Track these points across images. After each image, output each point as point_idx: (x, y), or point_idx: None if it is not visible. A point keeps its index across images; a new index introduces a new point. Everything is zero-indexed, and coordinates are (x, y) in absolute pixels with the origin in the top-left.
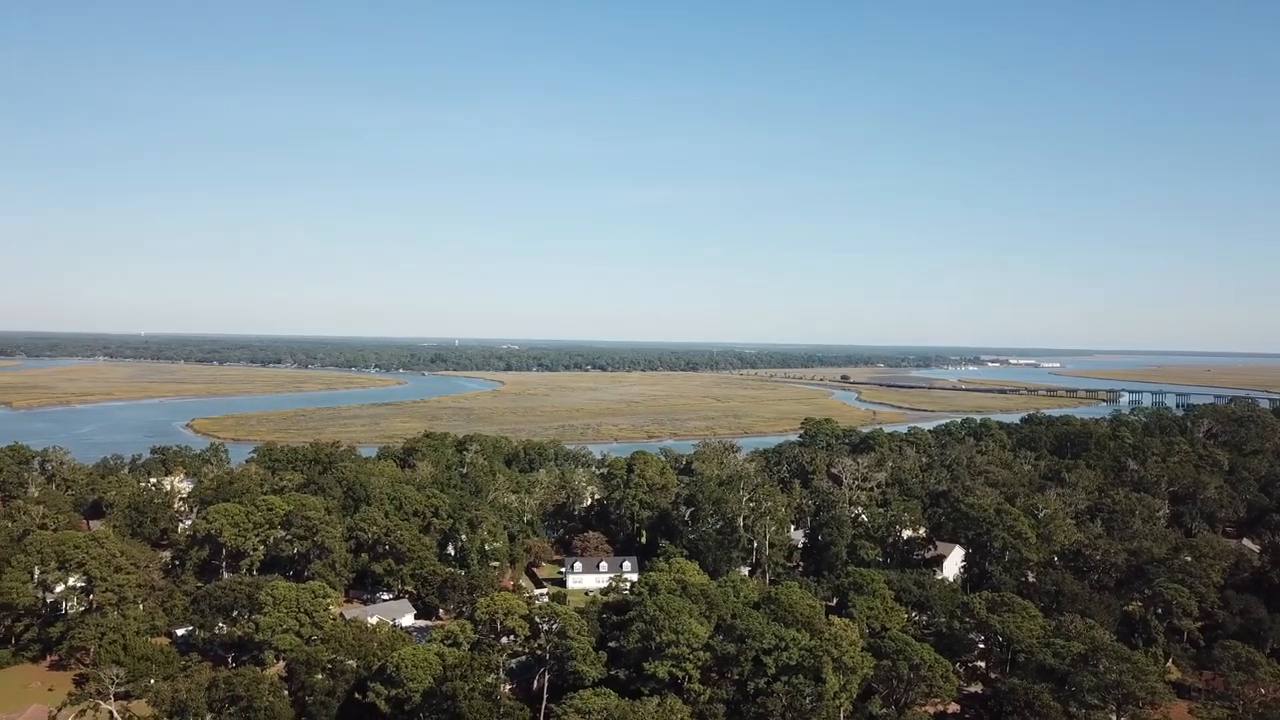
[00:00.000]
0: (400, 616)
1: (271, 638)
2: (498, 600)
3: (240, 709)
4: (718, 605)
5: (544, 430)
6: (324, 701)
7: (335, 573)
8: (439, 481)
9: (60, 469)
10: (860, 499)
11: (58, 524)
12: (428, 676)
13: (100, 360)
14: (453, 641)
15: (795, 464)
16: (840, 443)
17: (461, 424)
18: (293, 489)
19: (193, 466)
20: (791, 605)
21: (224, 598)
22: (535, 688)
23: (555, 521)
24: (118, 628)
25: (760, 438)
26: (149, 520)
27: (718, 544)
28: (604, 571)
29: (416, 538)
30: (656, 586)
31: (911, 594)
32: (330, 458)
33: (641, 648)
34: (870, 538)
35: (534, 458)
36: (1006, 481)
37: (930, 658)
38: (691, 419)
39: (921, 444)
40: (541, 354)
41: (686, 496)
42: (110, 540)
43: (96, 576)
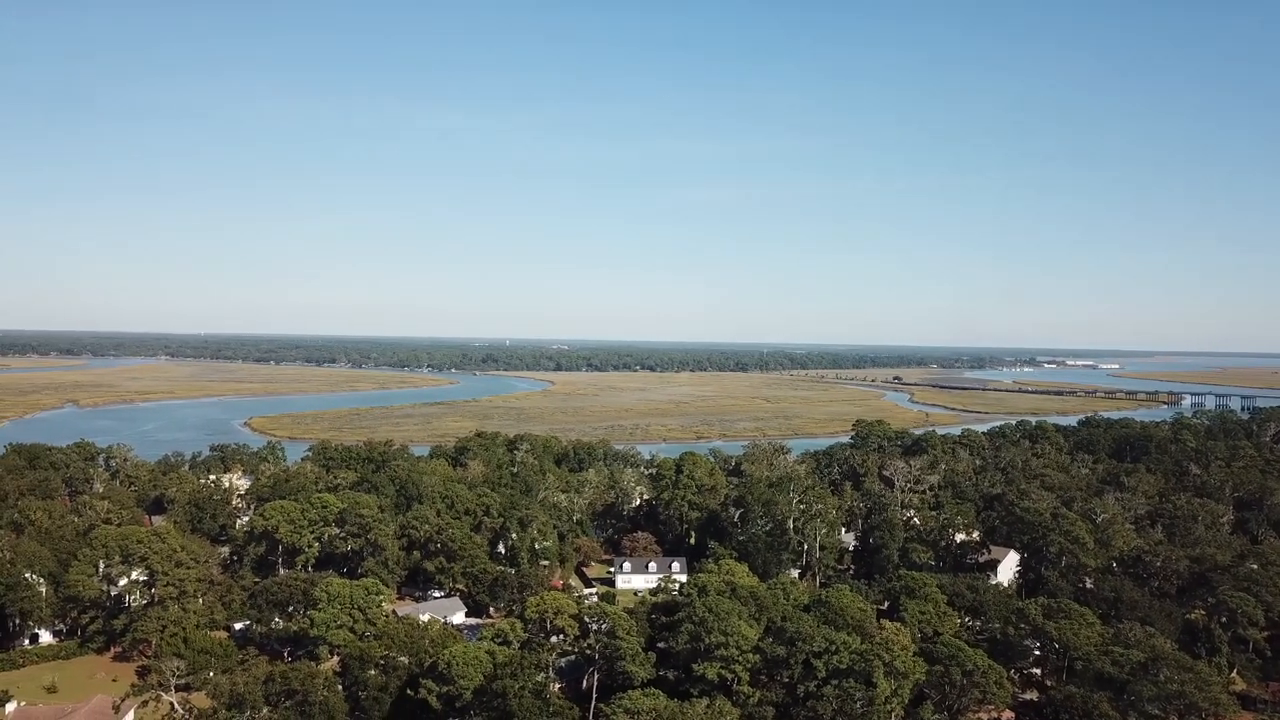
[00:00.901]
0: (451, 614)
1: (326, 633)
2: (547, 599)
3: (296, 703)
4: (767, 607)
5: (593, 430)
6: (377, 697)
7: (388, 570)
8: (490, 480)
9: (124, 465)
10: (912, 502)
11: (122, 519)
12: (478, 674)
13: (162, 359)
14: (503, 640)
15: (846, 466)
16: (892, 444)
17: (512, 423)
18: (347, 487)
19: (250, 464)
20: (842, 608)
21: (280, 593)
22: (584, 687)
23: (604, 521)
24: (178, 621)
25: (811, 439)
26: (208, 516)
27: (767, 546)
28: (653, 572)
29: (468, 536)
30: (706, 588)
31: (964, 599)
32: (383, 456)
33: (690, 649)
34: (922, 541)
35: (583, 457)
36: (1063, 485)
37: (984, 664)
38: (741, 420)
39: (975, 446)
40: (591, 354)
41: (736, 498)
42: (171, 535)
43: (158, 571)
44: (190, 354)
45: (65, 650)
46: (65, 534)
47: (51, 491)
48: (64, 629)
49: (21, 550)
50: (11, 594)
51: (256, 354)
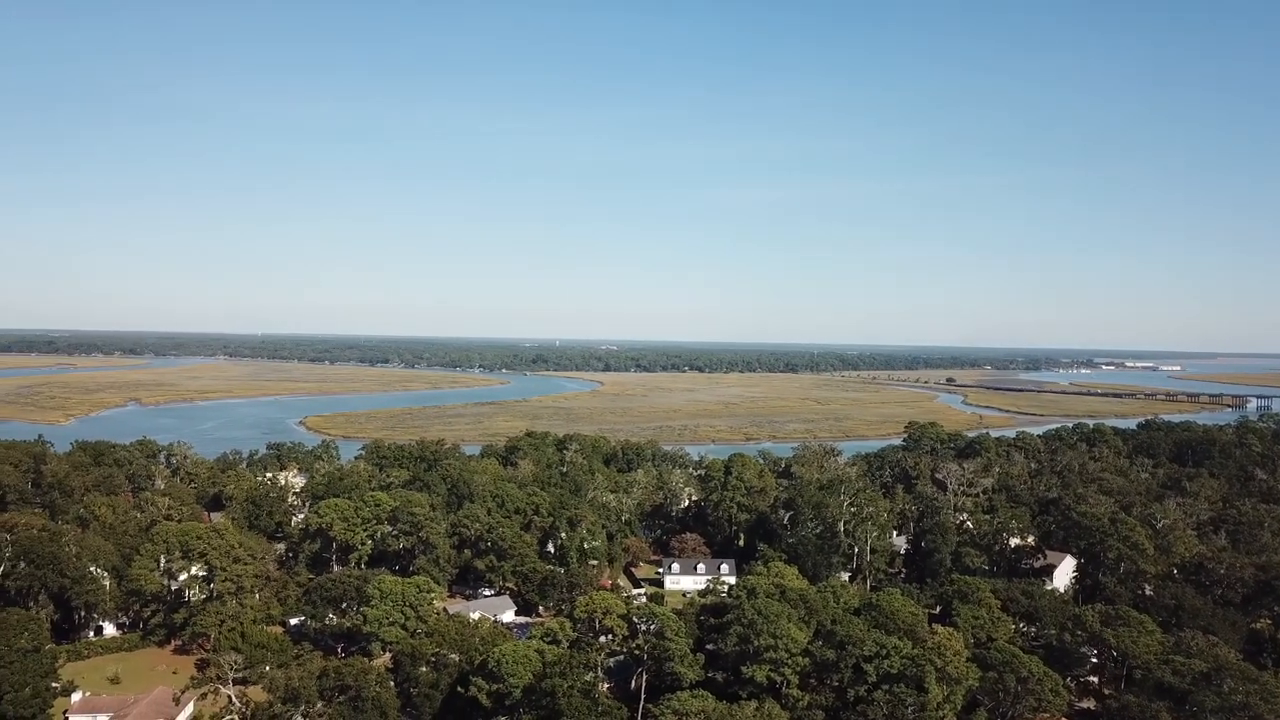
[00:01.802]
0: (501, 612)
1: (378, 630)
2: (596, 599)
3: (349, 698)
4: (817, 610)
5: (642, 431)
6: (428, 694)
7: (439, 568)
8: (539, 480)
9: (184, 463)
10: (965, 505)
11: (182, 515)
12: (528, 673)
13: (220, 359)
14: (552, 639)
15: (898, 468)
16: (945, 447)
17: (561, 423)
18: (399, 485)
19: (305, 462)
20: (893, 612)
21: (334, 590)
22: (633, 687)
23: (653, 522)
24: (236, 616)
25: (862, 441)
26: (265, 513)
27: (817, 548)
28: (701, 573)
29: (517, 535)
30: (755, 590)
31: (1019, 604)
32: (435, 455)
33: (739, 651)
34: (975, 545)
35: (632, 458)
36: (1122, 489)
37: (1039, 671)
38: (791, 421)
39: (1030, 449)
40: (639, 354)
41: (785, 500)
42: (229, 532)
43: (217, 566)
44: (248, 354)
45: (128, 643)
46: (128, 529)
47: (115, 488)
48: (127, 622)
49: (87, 545)
50: (77, 587)
51: (312, 354)
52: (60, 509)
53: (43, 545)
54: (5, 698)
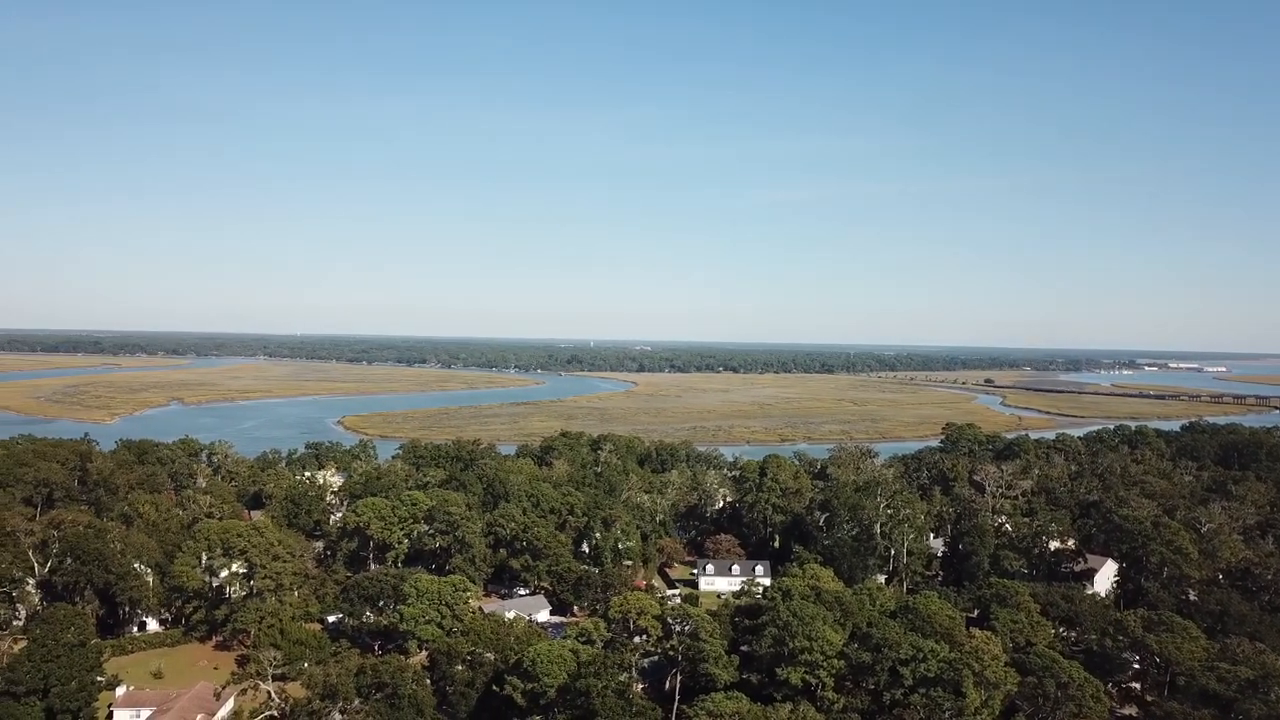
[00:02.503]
0: (536, 612)
1: (415, 628)
2: (631, 599)
3: (386, 695)
4: (853, 613)
5: (676, 431)
6: (463, 692)
7: (475, 567)
8: (574, 480)
9: (225, 462)
10: (1004, 508)
11: (223, 513)
12: (562, 672)
13: (260, 359)
14: (587, 639)
15: (935, 470)
16: (983, 449)
17: (596, 423)
18: (435, 485)
19: (343, 462)
20: (930, 615)
21: (371, 588)
22: (667, 688)
23: (687, 523)
24: (275, 613)
25: (899, 443)
26: (303, 512)
27: (853, 550)
28: (736, 574)
29: (552, 535)
30: (790, 591)
31: (1059, 608)
32: (471, 455)
33: (774, 653)
34: (1014, 548)
35: (666, 458)
36: (1165, 493)
37: (1079, 676)
38: (826, 422)
39: (1070, 451)
40: (673, 355)
41: (821, 501)
42: (269, 530)
43: (257, 564)
44: (287, 354)
45: (170, 638)
46: (171, 527)
47: (158, 486)
48: (169, 618)
49: (131, 542)
50: (122, 583)
51: (350, 354)
52: (105, 506)
53: (89, 542)
54: (53, 691)
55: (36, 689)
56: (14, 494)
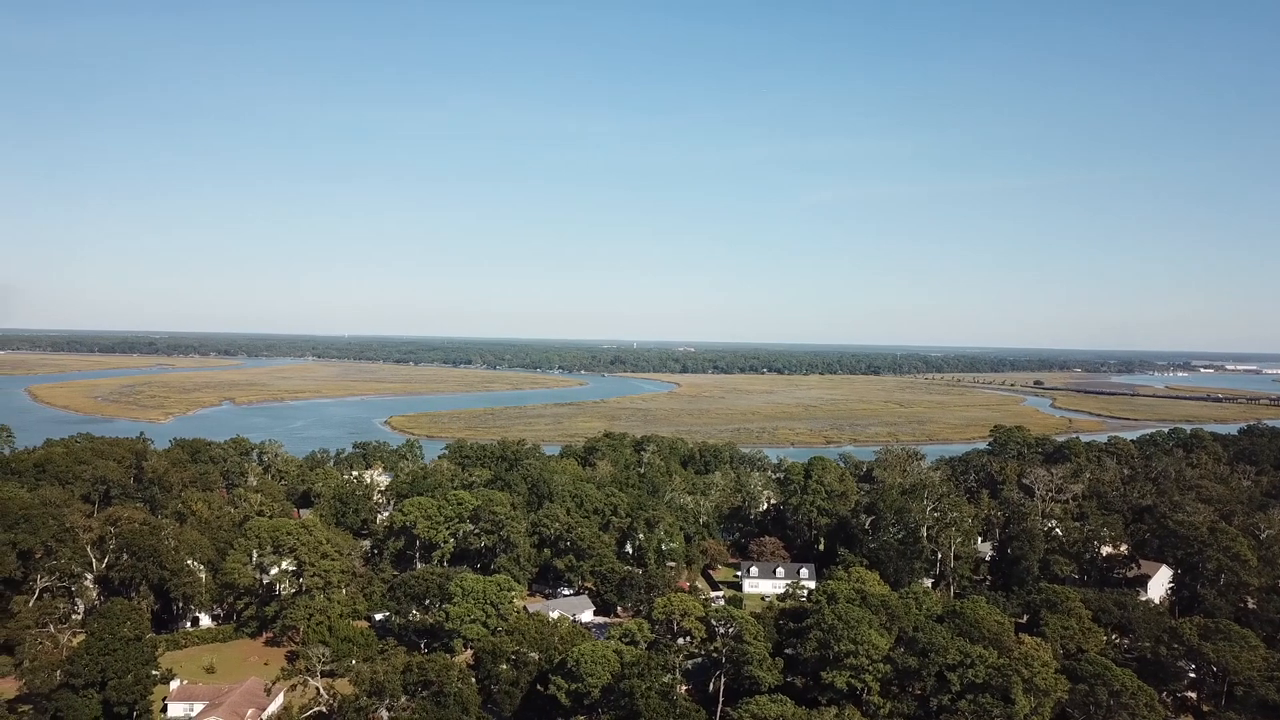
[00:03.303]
0: (580, 612)
1: (460, 627)
2: (674, 601)
3: (432, 693)
4: (899, 617)
5: (719, 432)
6: (508, 691)
7: (519, 567)
8: (618, 480)
9: (275, 461)
10: (1054, 512)
11: (273, 511)
12: (606, 673)
13: (309, 360)
14: (630, 639)
15: (983, 473)
16: (1032, 452)
17: (639, 424)
18: (481, 485)
19: (390, 461)
20: (978, 620)
21: (417, 587)
22: (711, 690)
23: (731, 524)
24: (324, 610)
25: (946, 445)
26: (351, 511)
27: (899, 554)
28: (780, 577)
29: (596, 535)
30: (835, 595)
31: (1111, 615)
32: (516, 455)
33: (819, 656)
34: (1065, 553)
35: (709, 460)
36: (1221, 498)
37: (1133, 684)
38: (872, 424)
39: (1123, 455)
40: (717, 356)
41: (867, 504)
42: (318, 528)
43: (306, 562)
44: (335, 355)
45: (222, 634)
46: (223, 524)
47: (211, 484)
48: (221, 614)
49: (185, 539)
50: (176, 579)
51: (397, 355)
52: (160, 504)
53: (144, 538)
54: (109, 684)
55: (94, 681)
56: (73, 491)
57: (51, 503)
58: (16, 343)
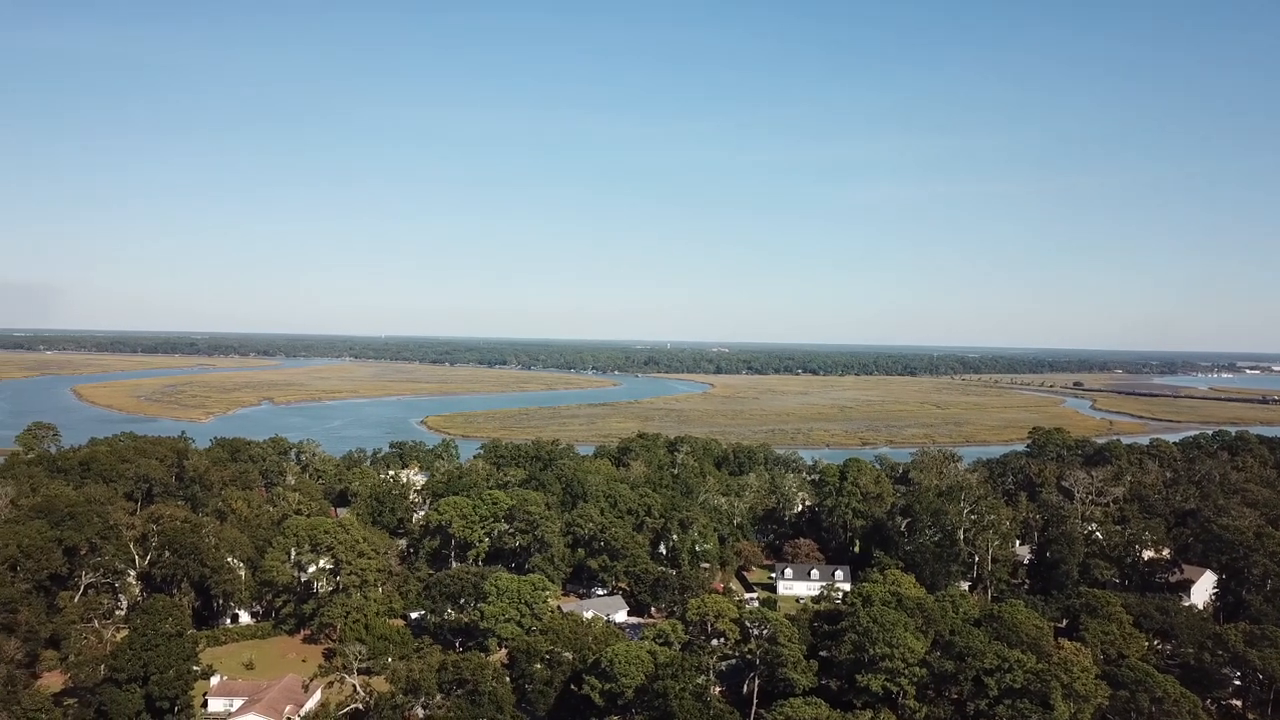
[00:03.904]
0: (614, 612)
1: (495, 626)
2: (708, 602)
3: (467, 692)
4: (935, 620)
5: (753, 433)
6: (542, 690)
7: (554, 566)
8: (651, 481)
9: (313, 460)
10: (1094, 515)
11: (311, 510)
12: (640, 673)
13: (347, 360)
14: (664, 640)
15: (1022, 475)
16: (1072, 454)
17: (673, 425)
18: (516, 484)
19: (426, 461)
20: (1016, 624)
21: (453, 586)
22: (745, 692)
23: (765, 526)
24: (360, 608)
25: (983, 447)
26: (387, 510)
27: (935, 557)
28: (815, 579)
29: (630, 535)
30: (870, 597)
31: (1153, 620)
32: (550, 455)
33: (854, 659)
34: (1105, 557)
35: (743, 461)
36: (1268, 502)
37: (1175, 691)
38: (909, 426)
39: (1165, 457)
40: (751, 356)
41: (903, 506)
42: (354, 527)
43: (343, 560)
44: (372, 355)
45: (261, 631)
46: (262, 522)
47: (250, 482)
48: (260, 611)
49: (225, 536)
50: (216, 576)
51: (433, 355)
52: (200, 502)
53: (185, 536)
54: (152, 678)
55: (137, 676)
56: (117, 489)
57: (96, 500)
58: (62, 343)
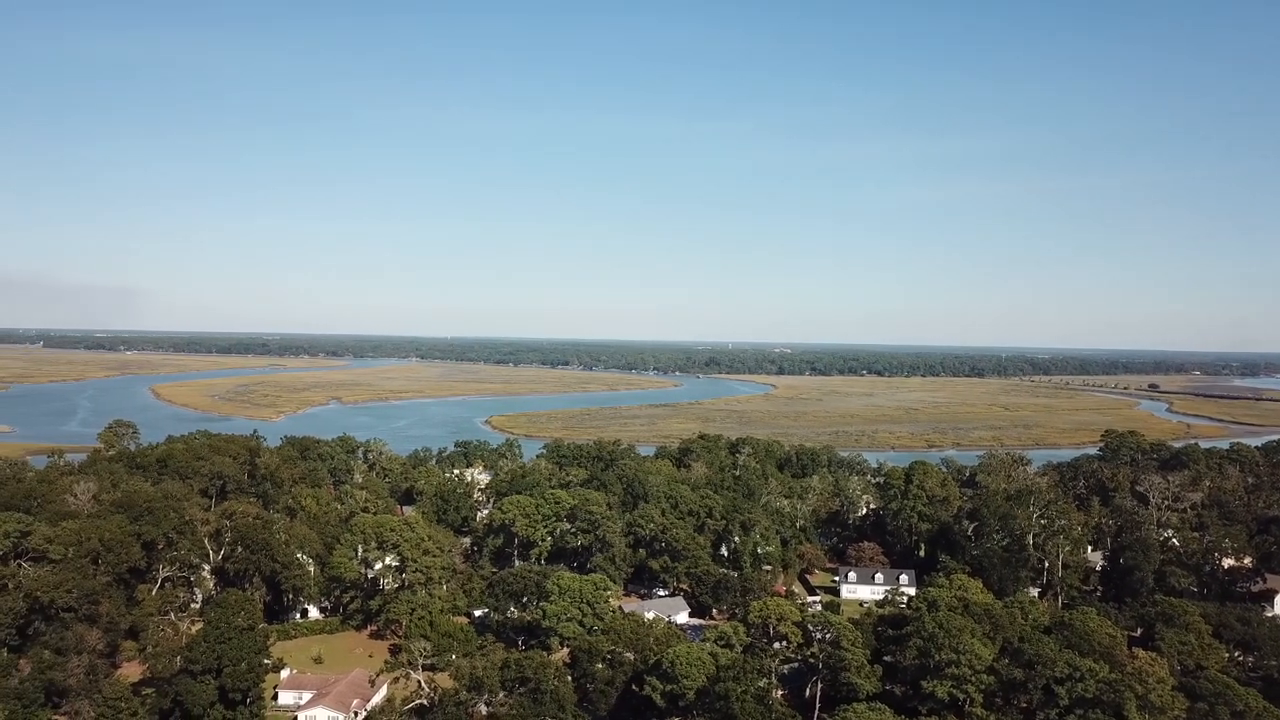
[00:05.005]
0: (675, 613)
1: (557, 625)
2: (770, 605)
3: (529, 690)
4: (1003, 627)
5: (817, 435)
6: (603, 690)
7: (615, 566)
8: (713, 482)
9: (379, 459)
10: (1170, 521)
11: (377, 508)
12: (701, 675)
13: (413, 361)
14: (725, 642)
15: (1094, 479)
16: (1147, 458)
17: (734, 426)
18: (577, 484)
19: (490, 460)
20: (1088, 633)
21: (516, 584)
22: (807, 696)
23: (828, 529)
24: (425, 605)
25: (1053, 450)
26: (452, 508)
27: (1003, 562)
28: (879, 583)
29: (691, 537)
30: (936, 602)
31: (1233, 631)
32: (612, 455)
33: (919, 665)
34: (1182, 565)
35: (806, 463)
36: None
37: (1258, 705)
38: (976, 428)
39: (1247, 462)
40: (814, 357)
41: (970, 510)
42: (420, 525)
43: (408, 557)
44: (438, 356)
45: (329, 626)
46: (330, 520)
47: (319, 480)
48: (328, 606)
49: (294, 533)
50: (286, 572)
51: (497, 356)
52: (271, 499)
53: (257, 532)
54: (225, 670)
55: (211, 668)
56: (192, 485)
57: (173, 496)
58: (142, 344)
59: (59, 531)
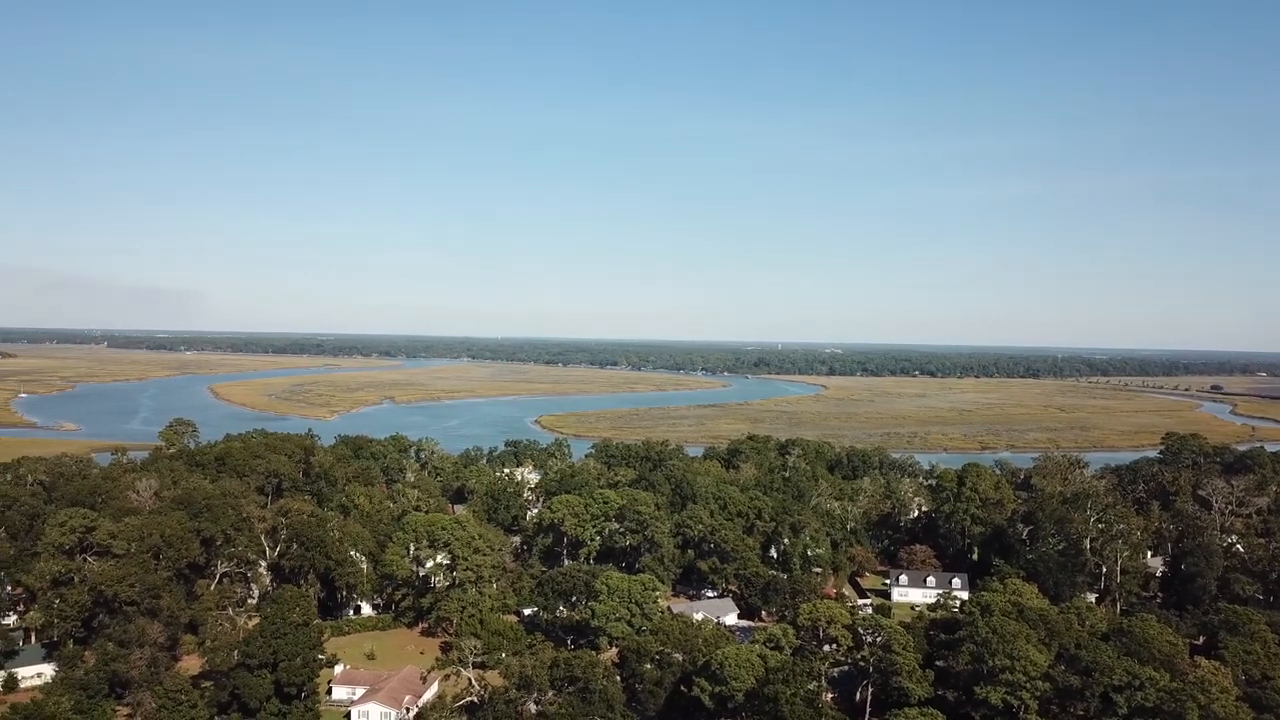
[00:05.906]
0: (723, 615)
1: (606, 625)
2: (820, 607)
3: (578, 689)
4: (1059, 632)
5: (867, 437)
6: (652, 690)
7: (664, 567)
8: (761, 484)
9: (431, 458)
10: (1235, 526)
11: (429, 506)
12: (750, 677)
13: (465, 361)
14: (775, 644)
15: (1154, 483)
16: (1209, 461)
17: (783, 427)
18: (626, 484)
19: (540, 459)
20: (1148, 640)
21: (565, 584)
22: (857, 699)
23: (879, 531)
24: (475, 604)
25: (1111, 453)
26: (502, 507)
27: (1059, 566)
28: (931, 587)
29: (740, 538)
30: (990, 607)
31: None
32: (660, 455)
33: (972, 670)
34: (1247, 571)
35: (857, 465)
36: None
37: None
38: (1031, 430)
39: None
40: (866, 358)
41: (1025, 513)
42: (471, 524)
43: (459, 556)
44: (489, 356)
45: (381, 623)
46: (383, 518)
47: (372, 479)
48: (381, 603)
49: (348, 531)
50: (340, 569)
51: (546, 356)
52: (325, 497)
53: (312, 529)
54: (280, 665)
55: (267, 663)
56: (249, 483)
57: (230, 493)
58: (201, 344)
59: (122, 527)
